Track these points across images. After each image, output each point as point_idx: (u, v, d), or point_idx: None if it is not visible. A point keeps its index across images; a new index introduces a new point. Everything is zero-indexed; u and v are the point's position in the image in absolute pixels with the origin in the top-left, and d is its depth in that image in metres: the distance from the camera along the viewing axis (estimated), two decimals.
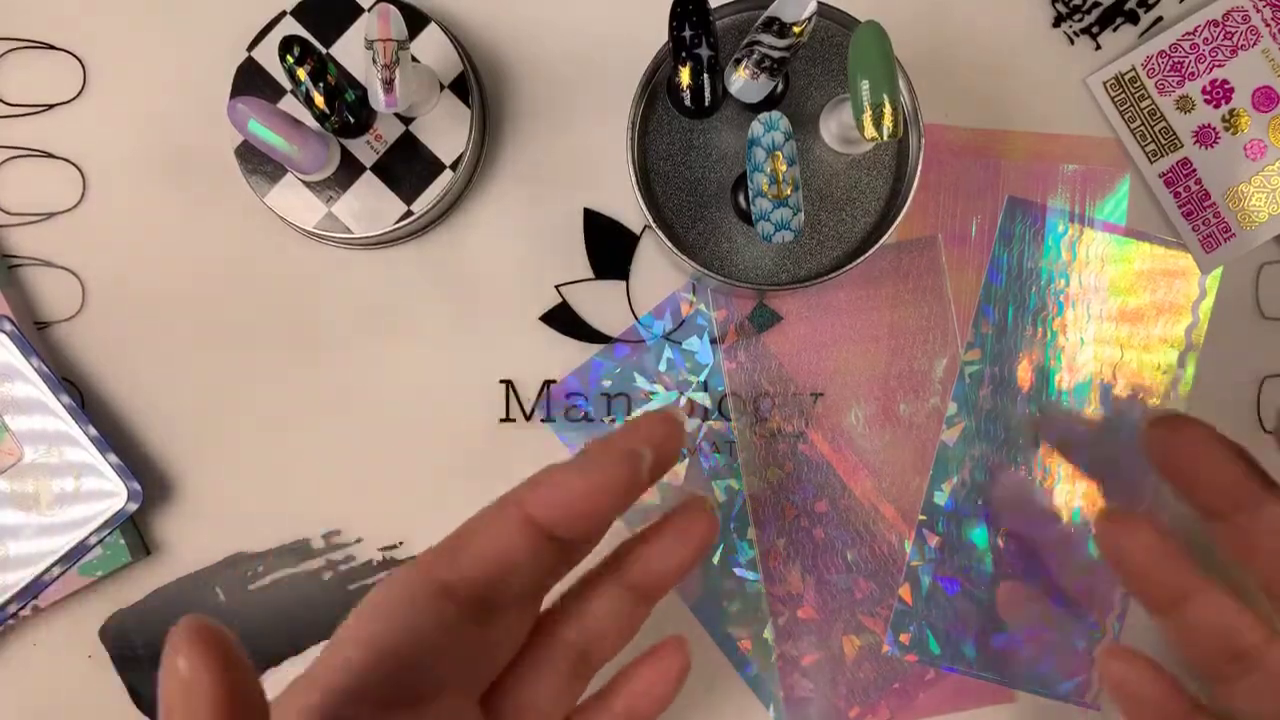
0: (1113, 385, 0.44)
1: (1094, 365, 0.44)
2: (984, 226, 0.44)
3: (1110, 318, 0.44)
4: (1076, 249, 0.44)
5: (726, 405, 0.44)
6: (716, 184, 0.39)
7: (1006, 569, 0.44)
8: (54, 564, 0.41)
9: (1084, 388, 0.44)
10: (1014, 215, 0.44)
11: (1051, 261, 0.44)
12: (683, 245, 0.38)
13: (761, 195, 0.34)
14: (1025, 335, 0.44)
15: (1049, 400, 0.43)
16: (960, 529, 0.44)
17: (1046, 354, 0.44)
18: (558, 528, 0.29)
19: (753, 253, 0.39)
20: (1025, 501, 0.43)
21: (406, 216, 0.41)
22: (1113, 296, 0.44)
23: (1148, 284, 0.44)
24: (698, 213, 0.39)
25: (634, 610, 0.33)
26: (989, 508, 0.44)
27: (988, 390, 0.44)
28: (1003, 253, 0.44)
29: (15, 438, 0.42)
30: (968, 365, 0.44)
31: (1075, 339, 0.44)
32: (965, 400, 0.44)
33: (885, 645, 0.44)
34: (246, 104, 0.37)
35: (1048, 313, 0.44)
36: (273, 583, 0.44)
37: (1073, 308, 0.44)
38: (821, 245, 0.39)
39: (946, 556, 0.44)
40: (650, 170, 0.39)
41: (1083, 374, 0.44)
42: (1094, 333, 0.44)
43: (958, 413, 0.44)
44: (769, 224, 0.34)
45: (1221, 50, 0.43)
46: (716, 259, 0.39)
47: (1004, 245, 0.44)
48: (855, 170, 0.39)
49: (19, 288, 0.44)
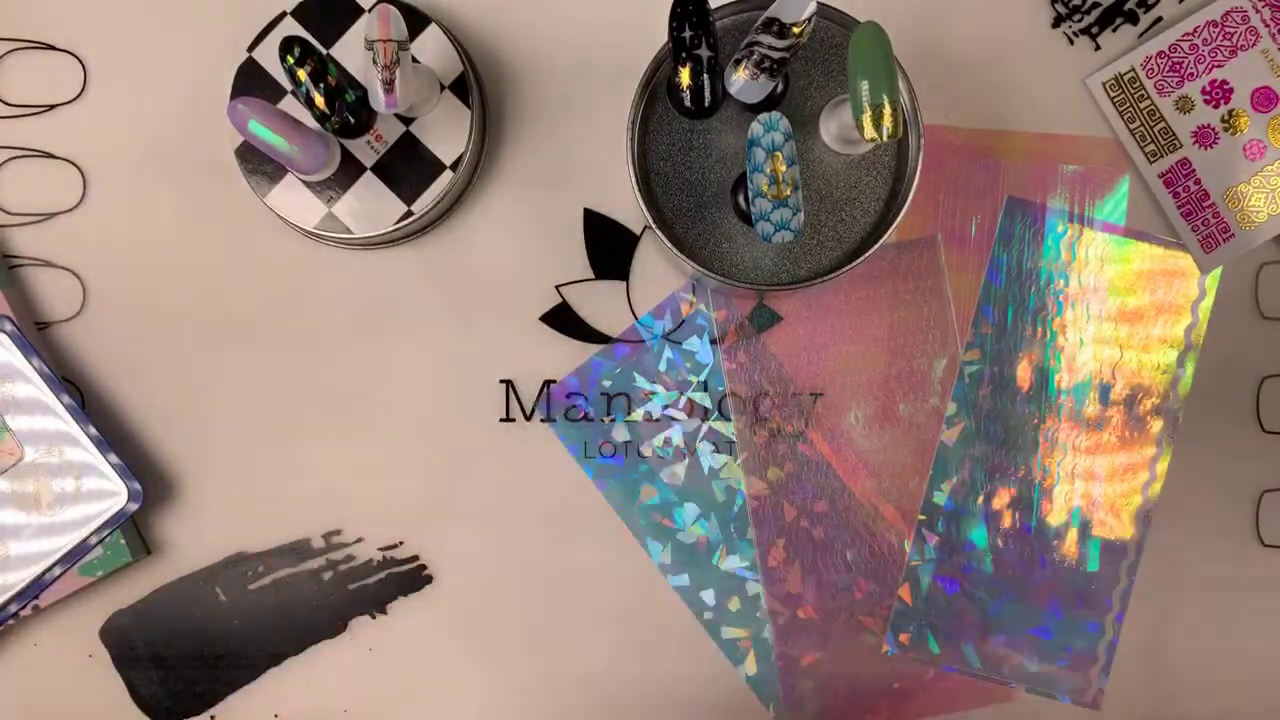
0: (1112, 385, 0.44)
1: (1093, 365, 0.44)
2: (984, 226, 0.44)
3: (1110, 318, 0.44)
4: (1076, 249, 0.44)
5: (726, 405, 0.44)
6: (716, 184, 0.39)
7: (1006, 570, 0.44)
8: (54, 564, 0.41)
9: (1083, 387, 0.44)
10: (1014, 215, 0.44)
11: (1051, 262, 0.44)
12: (682, 245, 0.38)
13: (761, 195, 0.34)
14: (1025, 335, 0.44)
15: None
16: (960, 529, 0.44)
17: (1046, 354, 0.44)
18: None
19: (752, 253, 0.39)
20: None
21: (406, 217, 0.41)
22: (1112, 297, 0.44)
23: (1147, 284, 0.44)
24: (697, 213, 0.39)
25: None
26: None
27: (987, 390, 0.44)
28: (1002, 253, 0.44)
29: (16, 437, 0.42)
30: (967, 365, 0.44)
31: (1075, 339, 0.44)
32: (965, 400, 0.44)
33: (885, 646, 0.44)
34: (246, 104, 0.37)
35: (1047, 313, 0.44)
36: (273, 583, 0.44)
37: (1072, 308, 0.44)
38: (821, 245, 0.39)
39: (946, 556, 0.44)
40: (650, 170, 0.39)
41: (1082, 374, 0.44)
42: (1093, 333, 0.44)
43: (957, 413, 0.44)
44: (769, 224, 0.34)
45: (1221, 51, 0.43)
46: (716, 259, 0.39)
47: (1004, 246, 0.44)
48: (855, 170, 0.39)
49: (19, 288, 0.44)
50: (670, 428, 0.44)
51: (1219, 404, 0.44)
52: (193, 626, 0.44)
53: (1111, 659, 0.44)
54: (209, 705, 0.44)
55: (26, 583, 0.42)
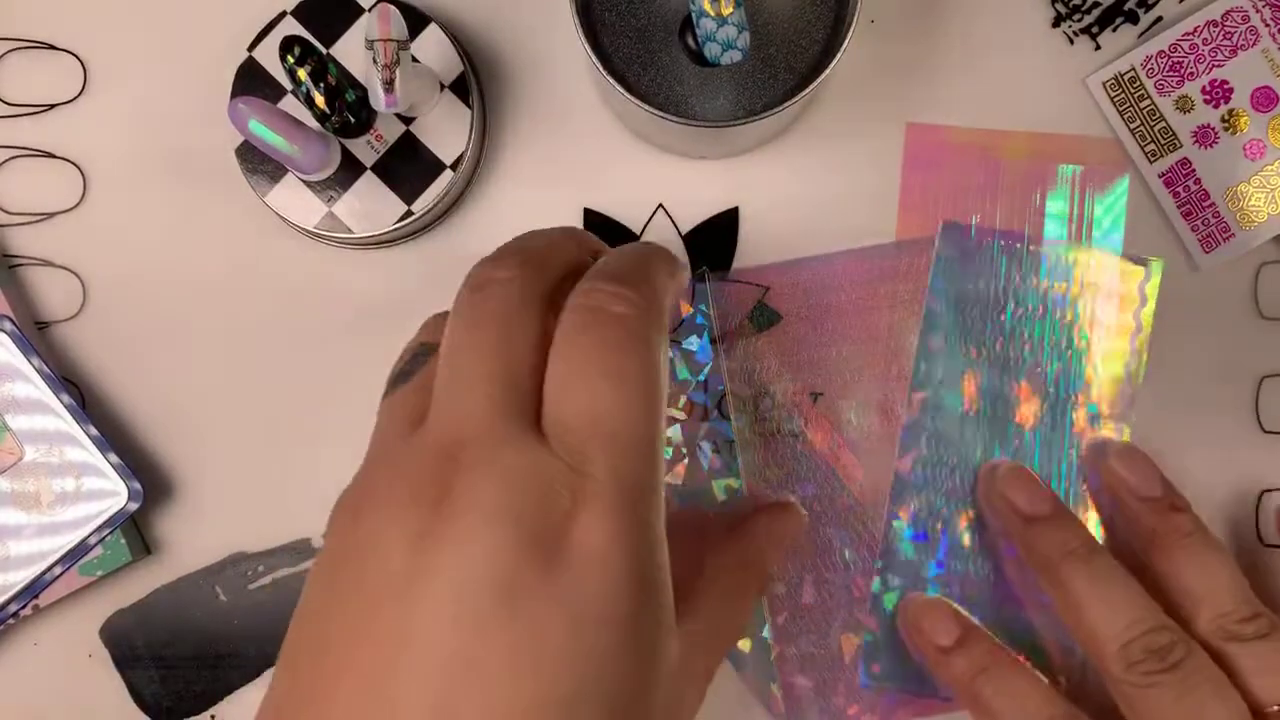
0: (1071, 404, 0.43)
1: (1042, 383, 0.43)
2: (983, 226, 0.44)
3: (1054, 332, 0.43)
4: (1017, 268, 0.43)
5: (726, 405, 0.44)
6: (663, 28, 0.39)
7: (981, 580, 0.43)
8: (54, 563, 0.42)
9: (1037, 409, 0.43)
10: (951, 240, 0.43)
11: (991, 283, 0.43)
12: (636, 93, 0.38)
13: (705, 15, 0.35)
14: (970, 358, 0.43)
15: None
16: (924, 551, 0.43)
17: (988, 376, 0.43)
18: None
19: (707, 93, 0.39)
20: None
21: (407, 216, 0.41)
22: (1056, 311, 0.43)
23: (1091, 295, 0.43)
24: (648, 59, 0.39)
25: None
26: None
27: (931, 418, 0.43)
28: (940, 278, 0.43)
29: (16, 437, 0.42)
30: (915, 393, 0.43)
31: (1017, 355, 0.43)
32: (915, 430, 0.43)
33: (858, 678, 0.43)
34: (247, 104, 0.37)
35: (988, 335, 0.43)
36: (273, 583, 0.44)
37: (1017, 326, 0.43)
38: (774, 77, 0.39)
39: (910, 583, 0.43)
40: (595, 21, 0.39)
41: (1035, 394, 0.43)
42: (1043, 349, 0.43)
43: (910, 440, 0.43)
44: (716, 45, 0.35)
45: (1221, 50, 0.43)
46: (671, 104, 0.39)
47: (941, 271, 0.43)
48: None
49: (19, 288, 0.44)
50: (670, 427, 0.44)
51: (1219, 404, 0.44)
52: (193, 626, 0.44)
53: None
54: (209, 705, 0.44)
55: (26, 582, 0.42)
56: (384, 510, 0.24)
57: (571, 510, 0.24)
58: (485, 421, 0.25)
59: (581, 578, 0.23)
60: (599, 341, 0.26)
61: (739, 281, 0.44)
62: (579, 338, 0.26)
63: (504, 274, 0.28)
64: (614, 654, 0.23)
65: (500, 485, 0.24)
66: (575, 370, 0.26)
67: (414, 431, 0.26)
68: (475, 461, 0.24)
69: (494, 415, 0.25)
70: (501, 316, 0.27)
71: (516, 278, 0.28)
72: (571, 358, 0.26)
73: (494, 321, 0.27)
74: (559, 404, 0.26)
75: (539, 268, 0.28)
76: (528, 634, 0.23)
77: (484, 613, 0.22)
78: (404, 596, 0.23)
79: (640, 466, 0.25)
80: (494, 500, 0.23)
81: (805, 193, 0.44)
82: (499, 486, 0.24)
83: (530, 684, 0.22)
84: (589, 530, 0.24)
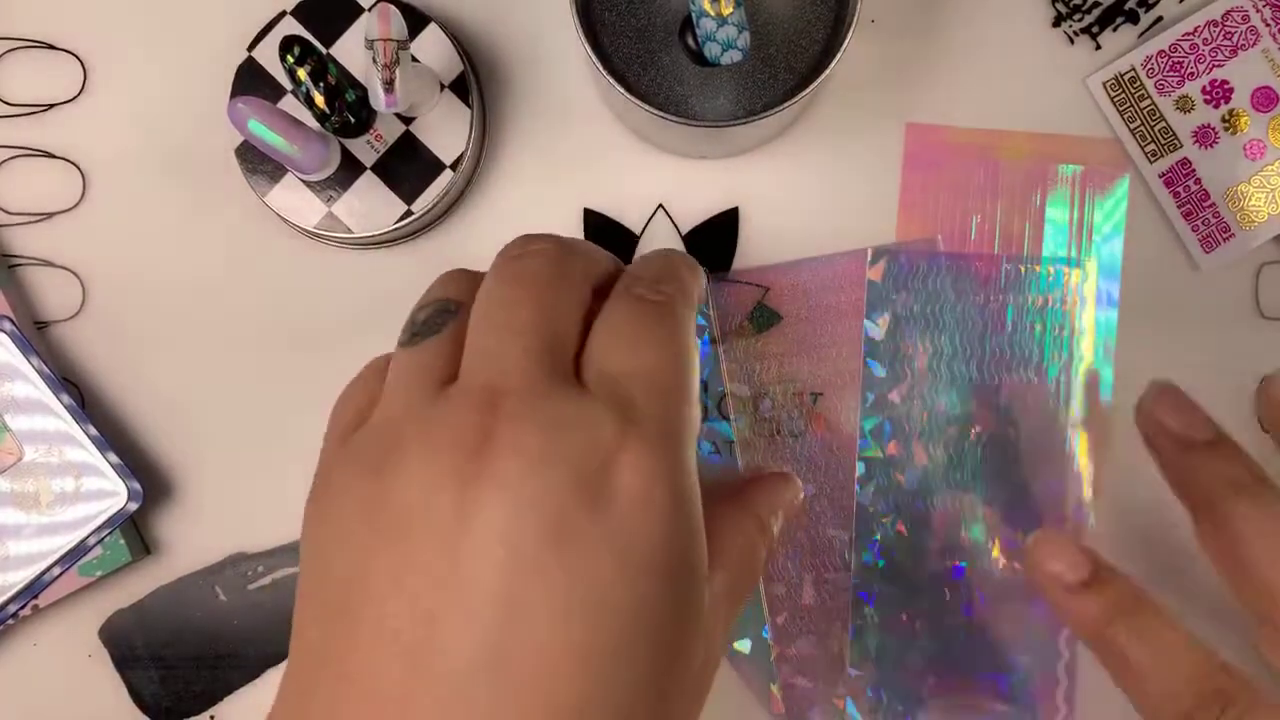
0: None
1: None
2: (983, 227, 0.44)
3: (1002, 349, 0.43)
4: (956, 286, 0.43)
5: (726, 405, 0.44)
6: (664, 28, 0.39)
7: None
8: (54, 564, 0.42)
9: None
10: (888, 267, 0.43)
11: (934, 302, 0.43)
12: (636, 93, 0.38)
13: (705, 15, 0.35)
14: (915, 380, 0.43)
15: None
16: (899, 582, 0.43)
17: (938, 396, 0.43)
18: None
19: (707, 93, 0.39)
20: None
21: (406, 216, 0.41)
22: (1002, 329, 0.43)
23: (1040, 307, 0.43)
24: (648, 59, 0.39)
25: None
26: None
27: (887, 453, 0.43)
28: (877, 306, 0.43)
29: (15, 437, 0.42)
30: (868, 422, 0.43)
31: (967, 375, 0.43)
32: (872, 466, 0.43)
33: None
34: (246, 104, 0.37)
35: (936, 358, 0.43)
36: (273, 583, 0.44)
37: (971, 344, 0.43)
38: (774, 77, 0.39)
39: (890, 611, 0.43)
40: (595, 21, 0.39)
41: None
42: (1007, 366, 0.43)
43: (866, 473, 0.43)
44: (716, 45, 0.35)
45: (1221, 50, 0.43)
46: (671, 104, 0.39)
47: (877, 296, 0.43)
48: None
49: (19, 288, 0.44)
50: None
51: (1219, 404, 0.44)
52: (192, 626, 0.44)
53: (1074, 681, 0.43)
54: (209, 705, 0.44)
55: (26, 582, 0.42)
56: (423, 459, 0.24)
57: (615, 452, 0.24)
58: (527, 374, 0.25)
59: (627, 516, 0.24)
60: (640, 314, 0.28)
61: (739, 282, 0.44)
62: (624, 310, 0.28)
63: (542, 245, 0.29)
64: (659, 595, 0.24)
65: (545, 431, 0.24)
66: (619, 333, 0.27)
67: (440, 389, 0.26)
68: (517, 410, 0.24)
69: (535, 368, 0.25)
70: (544, 277, 0.28)
71: (555, 249, 0.29)
72: (615, 325, 0.27)
73: (535, 281, 0.27)
74: (602, 359, 0.26)
75: (571, 249, 0.29)
76: (577, 575, 0.23)
77: (533, 555, 0.23)
78: (450, 540, 0.23)
79: (682, 411, 0.26)
80: (539, 445, 0.24)
81: (805, 193, 0.44)
82: (544, 432, 0.24)
83: (579, 626, 0.23)
84: (634, 470, 0.24)
